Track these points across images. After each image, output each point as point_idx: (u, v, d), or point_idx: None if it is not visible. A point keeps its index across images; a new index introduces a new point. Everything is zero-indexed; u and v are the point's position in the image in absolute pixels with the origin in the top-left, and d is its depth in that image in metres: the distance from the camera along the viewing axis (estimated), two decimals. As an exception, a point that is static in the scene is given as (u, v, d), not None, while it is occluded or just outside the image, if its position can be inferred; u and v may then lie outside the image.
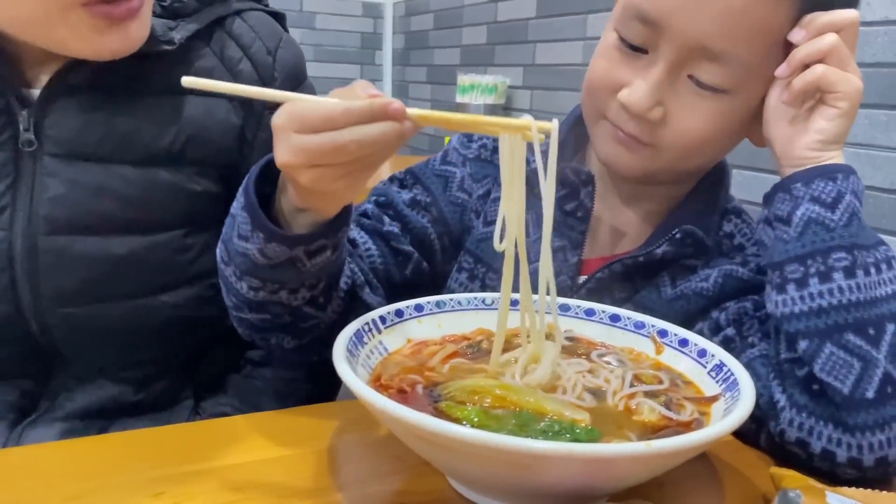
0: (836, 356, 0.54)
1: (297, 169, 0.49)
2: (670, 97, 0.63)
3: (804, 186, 0.58)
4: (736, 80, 0.61)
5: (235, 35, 0.79)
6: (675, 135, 0.64)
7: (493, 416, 0.49)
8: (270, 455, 0.55)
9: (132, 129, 0.72)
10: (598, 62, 0.67)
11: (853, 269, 0.55)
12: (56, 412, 0.76)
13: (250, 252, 0.55)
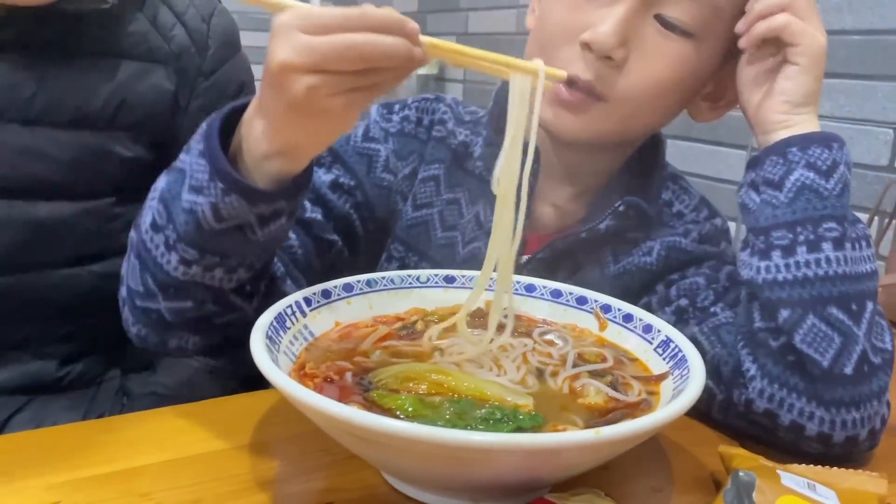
0: (818, 328, 0.52)
1: (297, 71, 0.43)
2: (635, 38, 0.59)
3: (800, 151, 0.55)
4: (703, 21, 0.59)
5: (169, 1, 0.77)
6: (634, 82, 0.60)
7: (428, 403, 0.45)
8: (183, 454, 0.50)
9: (62, 90, 0.70)
10: (554, 9, 0.63)
11: (842, 241, 0.53)
12: None
13: (200, 208, 0.49)
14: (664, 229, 0.69)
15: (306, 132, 0.48)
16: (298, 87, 0.43)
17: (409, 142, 0.72)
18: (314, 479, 0.48)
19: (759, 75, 0.59)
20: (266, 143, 0.48)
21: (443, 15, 2.33)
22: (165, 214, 0.51)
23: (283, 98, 0.45)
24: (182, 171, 0.51)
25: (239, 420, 0.54)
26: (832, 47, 1.25)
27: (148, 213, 0.53)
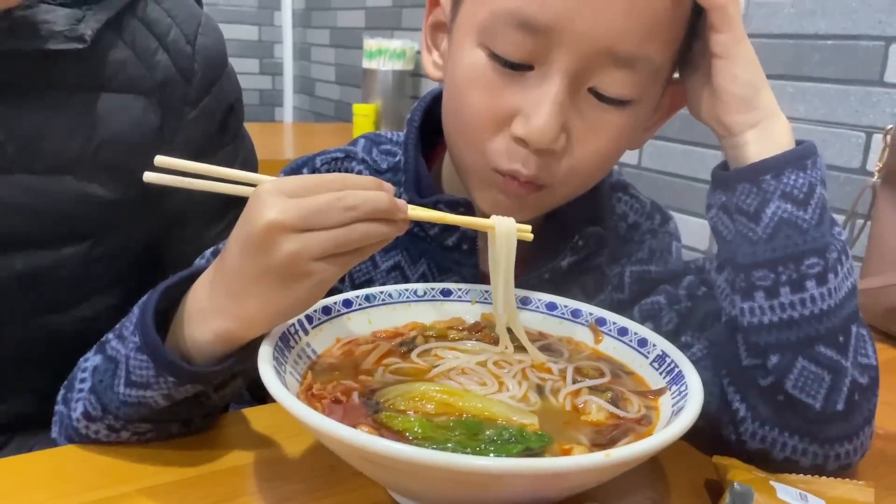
0: (808, 370, 0.51)
1: (285, 231, 0.43)
2: (573, 118, 0.55)
3: (774, 180, 0.52)
4: (642, 87, 0.55)
5: (149, 21, 0.72)
6: (575, 164, 0.57)
7: (437, 424, 0.45)
8: (182, 476, 0.50)
9: (37, 132, 0.66)
10: (471, 94, 0.56)
11: (825, 275, 0.52)
12: None
13: (149, 399, 0.49)
14: (624, 246, 0.69)
15: (274, 303, 0.46)
16: (286, 247, 0.43)
17: None
18: (322, 496, 0.49)
19: (700, 81, 0.56)
20: (218, 318, 0.47)
21: (418, 10, 2.33)
22: (100, 407, 0.50)
23: (263, 261, 0.44)
24: (115, 360, 0.50)
25: (239, 438, 0.55)
26: (806, 51, 1.28)
27: (78, 404, 0.52)
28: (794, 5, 1.29)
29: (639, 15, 0.52)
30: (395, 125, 2.29)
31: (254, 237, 0.44)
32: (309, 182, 0.45)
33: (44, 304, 0.70)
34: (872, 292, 0.87)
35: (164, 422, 0.52)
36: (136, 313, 0.50)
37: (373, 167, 0.68)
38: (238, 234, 0.46)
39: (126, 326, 0.51)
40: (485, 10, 0.54)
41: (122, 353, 0.50)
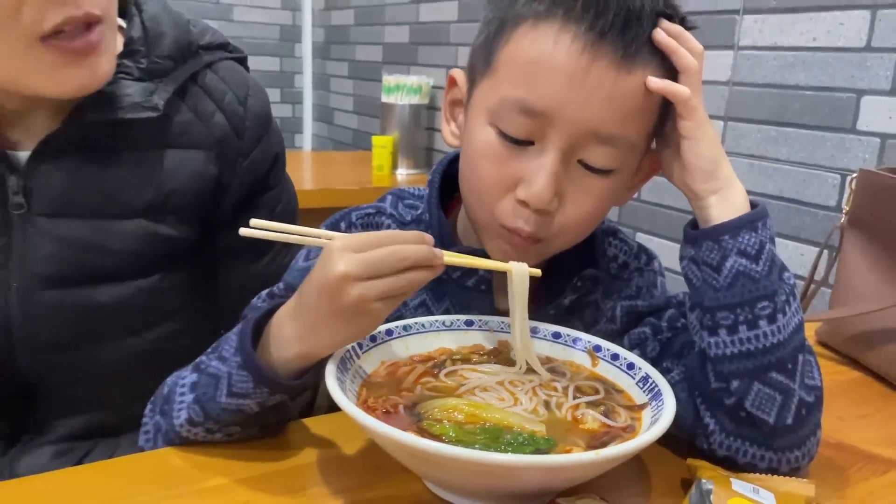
0: (763, 392, 0.62)
1: (354, 280, 0.56)
2: (564, 184, 0.66)
3: (731, 239, 0.63)
4: (623, 159, 0.66)
5: (208, 88, 0.83)
6: (568, 221, 0.67)
7: (466, 430, 0.58)
8: (263, 471, 0.62)
9: (116, 185, 0.77)
10: (483, 164, 0.67)
11: (774, 315, 0.62)
12: (43, 438, 0.81)
13: (246, 407, 0.62)
14: (616, 284, 0.80)
15: (342, 333, 0.59)
16: (353, 292, 0.56)
17: None
18: (374, 489, 0.61)
19: (672, 155, 0.68)
20: (298, 344, 0.60)
21: (433, 48, 2.47)
22: (203, 415, 0.63)
23: (335, 303, 0.57)
24: (216, 377, 0.62)
25: (305, 441, 0.67)
26: (788, 100, 1.41)
27: (182, 413, 0.64)
28: (777, 59, 1.42)
29: (616, 105, 0.63)
30: (411, 154, 2.43)
31: (329, 285, 0.57)
32: (369, 239, 0.58)
33: (122, 329, 0.81)
34: (837, 321, 0.98)
35: (251, 425, 0.65)
36: (235, 340, 0.62)
37: (399, 220, 0.79)
38: (315, 280, 0.59)
39: (225, 349, 0.63)
40: (495, 96, 0.65)
41: (224, 371, 0.62)
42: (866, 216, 0.97)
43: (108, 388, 0.82)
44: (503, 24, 0.65)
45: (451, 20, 2.36)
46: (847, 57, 1.31)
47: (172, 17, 0.81)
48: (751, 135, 1.50)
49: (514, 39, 0.64)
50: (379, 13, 2.75)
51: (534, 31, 0.63)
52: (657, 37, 0.63)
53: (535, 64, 0.63)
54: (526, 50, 0.63)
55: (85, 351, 0.79)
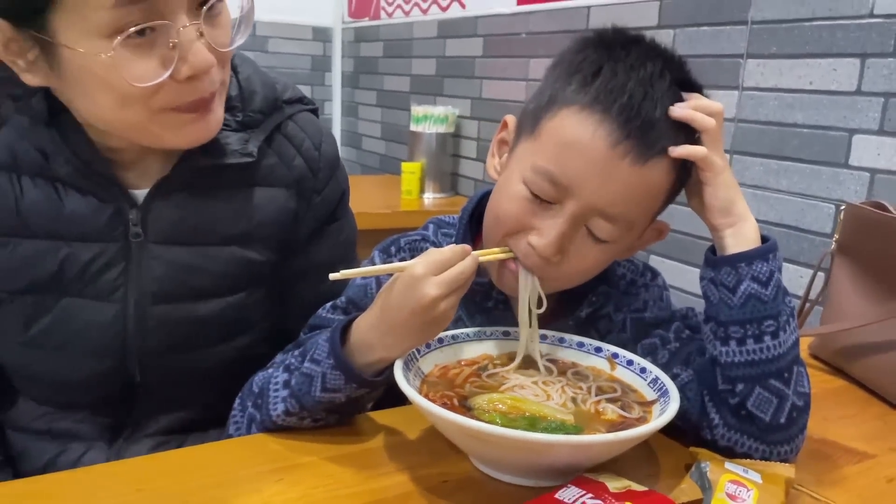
0: (762, 395, 0.74)
1: (441, 300, 0.70)
2: (569, 244, 0.77)
3: (747, 266, 0.74)
4: (620, 235, 0.77)
5: (290, 136, 0.96)
6: (566, 272, 0.79)
7: (510, 419, 0.72)
8: (344, 452, 0.76)
9: (215, 218, 0.90)
10: (509, 207, 0.78)
11: (777, 332, 0.73)
12: (142, 432, 0.95)
13: (335, 398, 0.75)
14: (625, 298, 0.90)
15: (420, 341, 0.76)
16: (441, 308, 0.70)
17: None
18: (431, 467, 0.74)
19: (695, 196, 0.79)
20: (383, 350, 0.74)
21: (459, 80, 2.62)
22: (298, 406, 0.76)
23: (425, 319, 0.71)
24: (311, 376, 0.75)
25: (373, 429, 0.81)
26: (788, 136, 1.55)
27: (279, 404, 0.77)
28: (777, 99, 1.54)
29: (627, 193, 0.74)
30: (438, 179, 2.56)
31: (423, 307, 0.70)
32: (441, 259, 0.71)
33: (214, 338, 0.94)
34: (827, 336, 1.09)
35: (333, 414, 0.79)
36: (327, 346, 0.75)
37: (437, 245, 0.91)
38: (405, 303, 0.71)
39: (318, 353, 0.75)
40: (532, 161, 0.76)
41: (319, 371, 0.75)
42: (852, 244, 1.08)
43: (199, 388, 0.96)
44: (554, 99, 0.77)
45: (476, 55, 2.49)
46: (839, 99, 1.42)
47: (262, 77, 0.95)
48: (754, 167, 1.61)
49: (559, 118, 0.75)
50: (407, 47, 2.89)
51: (575, 117, 0.74)
52: (673, 113, 0.74)
53: (569, 145, 0.74)
54: (565, 130, 0.75)
55: (183, 356, 0.92)
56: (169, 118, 0.80)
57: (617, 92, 0.73)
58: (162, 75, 0.75)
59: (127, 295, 0.88)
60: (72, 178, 0.85)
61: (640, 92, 0.73)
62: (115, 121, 0.80)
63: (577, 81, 0.76)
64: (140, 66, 0.74)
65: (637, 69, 0.74)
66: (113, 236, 0.87)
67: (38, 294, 0.87)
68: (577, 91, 0.75)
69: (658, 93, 0.74)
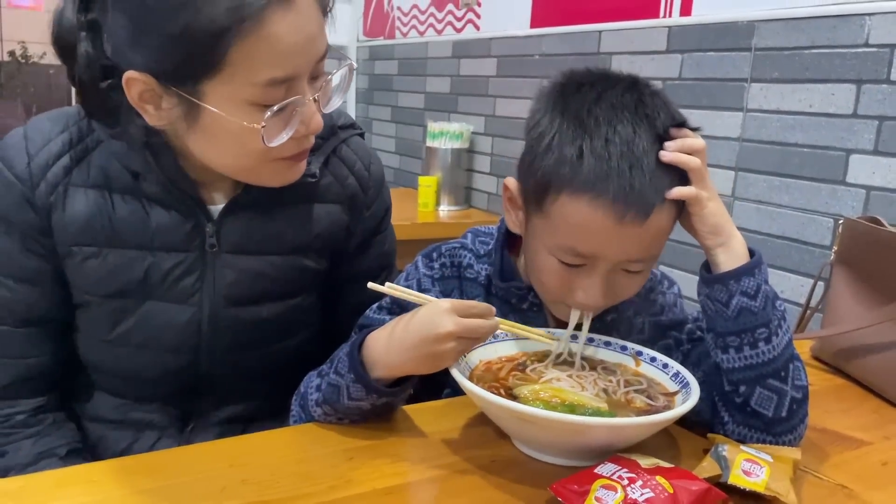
0: (763, 394, 0.81)
1: (452, 338, 0.77)
2: (610, 287, 0.84)
3: (735, 283, 0.80)
4: (649, 265, 0.86)
5: (343, 158, 1.05)
6: (613, 302, 0.89)
7: (552, 406, 0.82)
8: (403, 437, 0.86)
9: (279, 230, 0.99)
10: (549, 280, 0.86)
11: (770, 337, 0.80)
12: (207, 421, 1.04)
13: (361, 405, 0.83)
14: (643, 304, 0.97)
15: (420, 370, 0.81)
16: (450, 346, 0.77)
17: (449, 282, 0.99)
18: (479, 449, 0.83)
19: (687, 220, 0.84)
20: (384, 370, 0.81)
21: (473, 98, 2.70)
22: (332, 410, 0.84)
23: (430, 350, 0.77)
24: (337, 387, 0.82)
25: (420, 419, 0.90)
26: (789, 155, 1.66)
27: (316, 407, 0.85)
28: (779, 121, 1.63)
29: (643, 242, 0.81)
30: (453, 193, 2.64)
31: (436, 336, 0.77)
32: (467, 306, 0.79)
33: (275, 337, 1.03)
34: (827, 339, 1.18)
35: (367, 415, 0.87)
36: (346, 361, 0.82)
37: (475, 252, 1.00)
38: (419, 329, 0.78)
39: (341, 366, 0.82)
40: (552, 241, 0.84)
41: (343, 383, 0.82)
42: (850, 256, 1.15)
43: (258, 382, 1.05)
44: (549, 180, 0.81)
45: (490, 75, 2.57)
46: (837, 122, 1.51)
47: None
48: (758, 184, 1.68)
49: (561, 203, 0.81)
50: (421, 65, 2.97)
51: (577, 203, 0.79)
52: (664, 158, 0.79)
53: (580, 227, 0.80)
54: (573, 216, 0.80)
55: (247, 353, 1.02)
56: (276, 165, 0.89)
57: (607, 173, 0.78)
58: (288, 136, 0.84)
59: (202, 299, 0.98)
60: (158, 196, 0.94)
61: (626, 165, 0.78)
62: (232, 167, 0.90)
63: (568, 164, 0.80)
64: (276, 131, 0.83)
65: (613, 140, 0.78)
66: (192, 247, 0.96)
67: (125, 298, 0.96)
68: (570, 176, 0.80)
69: (642, 158, 0.79)
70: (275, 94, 0.82)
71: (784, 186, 1.64)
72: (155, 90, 0.83)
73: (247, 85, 0.80)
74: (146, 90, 0.83)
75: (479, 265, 1.01)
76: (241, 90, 0.81)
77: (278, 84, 0.81)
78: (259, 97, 0.81)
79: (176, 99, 0.83)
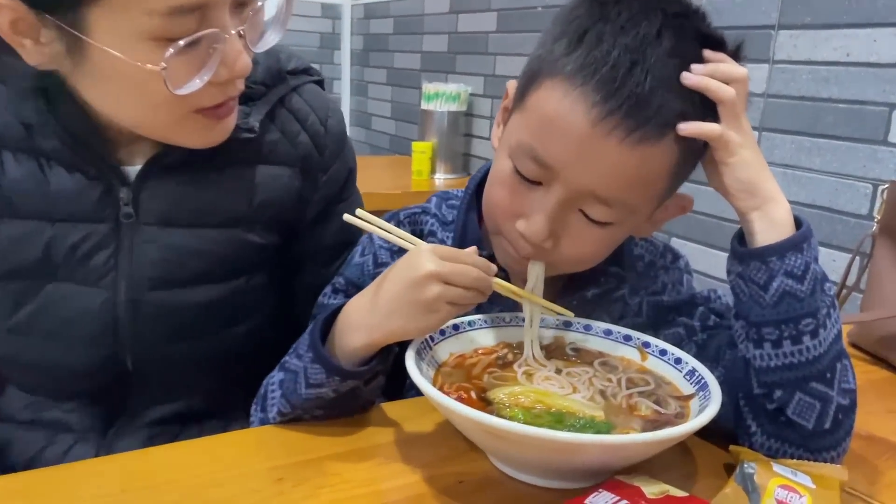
0: (804, 401, 0.67)
1: (436, 279, 0.65)
2: (561, 228, 0.71)
3: (778, 261, 0.66)
4: (622, 217, 0.70)
5: (294, 110, 0.90)
6: (565, 257, 0.73)
7: (534, 414, 0.65)
8: (352, 447, 0.70)
9: (214, 198, 0.85)
10: (497, 190, 0.73)
11: (817, 330, 0.66)
12: (136, 422, 0.89)
13: (322, 394, 0.70)
14: (642, 280, 0.84)
15: (410, 324, 0.67)
16: (434, 289, 0.65)
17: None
18: (447, 466, 0.68)
19: (714, 176, 0.71)
20: (366, 333, 0.68)
21: (471, 57, 2.54)
22: (289, 406, 0.72)
23: (416, 295, 0.65)
24: (295, 372, 0.70)
25: (385, 422, 0.75)
26: (822, 112, 1.47)
27: (274, 408, 0.73)
28: (811, 73, 1.47)
29: (618, 175, 0.67)
30: (450, 160, 2.50)
31: (416, 278, 0.65)
32: (454, 252, 0.67)
33: (214, 326, 0.89)
34: (868, 324, 1.03)
35: (333, 408, 0.72)
36: (307, 338, 0.70)
37: (441, 219, 0.87)
38: (401, 274, 0.67)
39: (300, 347, 0.71)
40: (516, 137, 0.71)
41: (301, 366, 0.70)
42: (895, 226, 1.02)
43: (198, 377, 0.91)
44: (540, 66, 0.70)
45: (490, 30, 2.42)
46: (880, 72, 1.36)
47: None
48: (785, 145, 1.55)
49: (543, 88, 0.68)
50: (417, 23, 2.83)
51: (558, 88, 0.67)
52: (686, 81, 0.66)
53: (551, 121, 0.67)
54: (548, 104, 0.68)
55: (181, 345, 0.87)
56: (195, 120, 0.76)
57: (599, 62, 0.65)
58: (203, 82, 0.71)
59: (118, 280, 0.83)
60: (58, 154, 0.79)
61: (627, 60, 0.64)
62: (137, 121, 0.77)
63: (562, 47, 0.68)
64: (184, 74, 0.70)
65: (628, 31, 0.65)
66: (103, 217, 0.81)
67: (22, 279, 0.82)
68: (561, 59, 0.67)
69: (651, 59, 0.64)
70: (182, 26, 0.68)
71: (815, 148, 1.50)
72: (28, 19, 0.68)
73: (142, 14, 0.66)
74: (18, 19, 0.68)
75: (444, 233, 0.86)
76: (136, 20, 0.66)
77: (186, 13, 0.67)
78: (160, 30, 0.67)
79: (56, 31, 0.69)
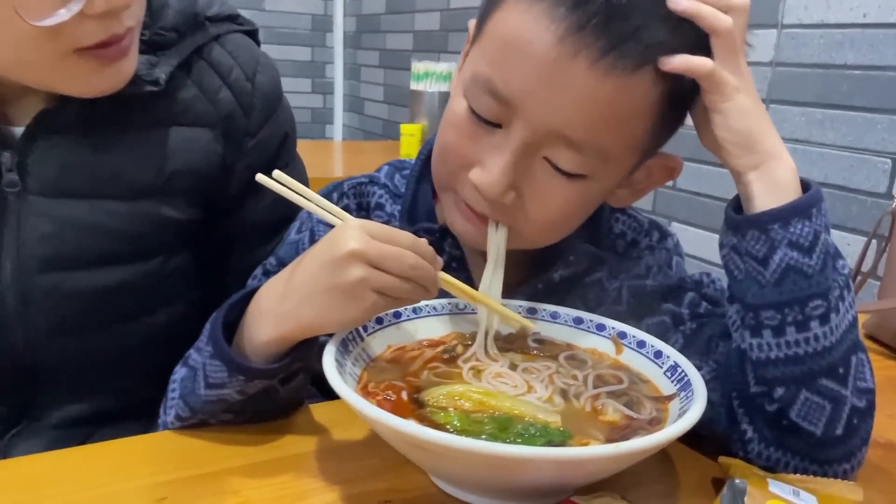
0: (811, 401, 0.57)
1: (360, 260, 0.53)
2: (524, 179, 0.61)
3: (782, 229, 0.56)
4: (594, 167, 0.60)
5: (214, 63, 0.80)
6: (531, 218, 0.63)
7: (473, 420, 0.53)
8: (260, 459, 0.59)
9: (117, 164, 0.75)
10: (448, 133, 0.63)
11: (828, 315, 0.56)
12: (41, 423, 0.79)
13: (225, 396, 0.59)
14: (623, 262, 0.74)
15: (327, 315, 0.55)
16: (356, 272, 0.53)
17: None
18: (374, 481, 0.57)
19: (705, 127, 0.60)
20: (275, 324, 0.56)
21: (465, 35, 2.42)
22: (188, 409, 0.61)
23: (335, 278, 0.54)
24: (195, 369, 0.60)
25: (301, 429, 0.63)
26: (835, 80, 1.34)
27: (171, 410, 0.62)
28: (824, 37, 1.38)
29: (588, 110, 0.57)
30: (440, 144, 2.40)
31: (336, 258, 0.54)
32: (389, 232, 0.55)
33: (123, 314, 0.78)
34: (887, 313, 0.93)
35: (243, 412, 0.61)
36: (208, 328, 0.59)
37: (393, 192, 0.76)
38: (319, 252, 0.55)
39: (201, 340, 0.60)
40: (470, 70, 0.61)
41: (200, 362, 0.59)
42: None
43: (110, 373, 0.80)
44: None
45: (483, 5, 2.32)
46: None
47: None
48: (794, 118, 1.46)
49: (502, 10, 0.59)
50: (409, 0, 2.73)
51: (520, 7, 0.57)
52: (674, 6, 0.56)
53: (509, 45, 0.57)
54: (507, 27, 0.58)
55: (86, 335, 0.76)
56: (77, 62, 0.66)
57: None
58: (71, 13, 0.60)
59: (2, 261, 0.72)
60: None
61: None
62: (7, 65, 0.66)
63: None
64: (46, 2, 0.60)
65: None
66: None
67: None
68: None
69: None
70: None
71: (828, 120, 1.41)
72: None
73: None
74: None
75: (393, 206, 0.75)
76: None
77: None
78: None
79: None
